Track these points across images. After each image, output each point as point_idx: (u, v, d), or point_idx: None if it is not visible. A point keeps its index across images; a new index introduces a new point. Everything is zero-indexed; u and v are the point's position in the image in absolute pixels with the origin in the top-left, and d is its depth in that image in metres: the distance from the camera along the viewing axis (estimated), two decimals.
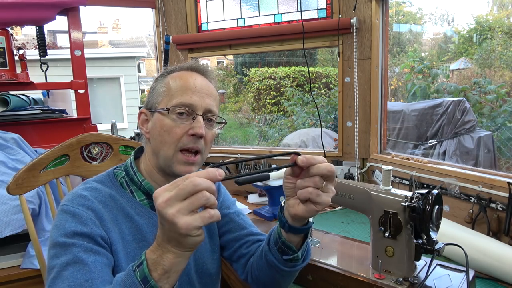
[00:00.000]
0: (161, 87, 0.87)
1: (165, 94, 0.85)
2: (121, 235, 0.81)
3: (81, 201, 0.79)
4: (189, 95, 0.83)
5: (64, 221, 0.76)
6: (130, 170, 0.89)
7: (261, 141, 7.44)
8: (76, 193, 0.82)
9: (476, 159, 3.85)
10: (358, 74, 1.83)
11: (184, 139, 0.83)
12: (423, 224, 0.89)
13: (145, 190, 0.87)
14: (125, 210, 0.84)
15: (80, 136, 1.26)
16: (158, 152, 0.84)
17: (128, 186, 0.88)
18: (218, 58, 15.26)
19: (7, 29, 1.87)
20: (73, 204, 0.78)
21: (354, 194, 1.05)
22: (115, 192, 0.85)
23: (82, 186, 0.85)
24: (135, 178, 0.87)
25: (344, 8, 1.82)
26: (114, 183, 0.88)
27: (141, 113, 0.89)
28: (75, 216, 0.76)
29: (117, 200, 0.84)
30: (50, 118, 1.88)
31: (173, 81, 0.86)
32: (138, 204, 0.87)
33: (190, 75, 0.87)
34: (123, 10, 34.56)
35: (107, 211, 0.81)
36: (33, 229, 1.14)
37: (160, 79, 0.89)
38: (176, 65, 0.91)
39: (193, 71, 0.89)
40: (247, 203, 1.88)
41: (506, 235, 1.22)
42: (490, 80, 5.51)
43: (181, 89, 0.84)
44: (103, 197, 0.83)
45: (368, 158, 1.86)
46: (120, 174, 0.89)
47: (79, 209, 0.77)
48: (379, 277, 0.95)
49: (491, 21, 9.10)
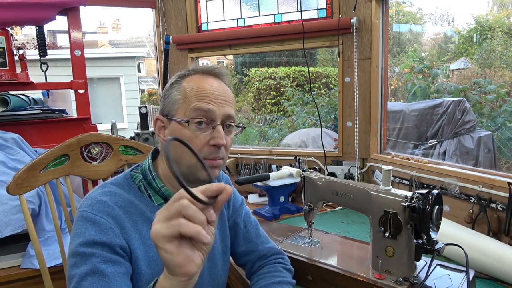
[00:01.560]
0: (177, 94, 0.84)
1: (181, 101, 0.83)
2: (142, 240, 0.81)
3: (101, 207, 0.78)
4: (206, 101, 0.82)
5: (84, 229, 0.75)
6: (149, 174, 0.87)
7: (261, 141, 7.44)
8: (96, 199, 0.80)
9: (476, 159, 3.85)
10: (358, 74, 1.83)
11: (205, 150, 0.82)
12: (423, 224, 0.89)
13: (163, 195, 0.87)
14: (145, 214, 0.83)
15: (80, 136, 1.26)
16: (180, 161, 0.83)
17: (146, 190, 0.87)
18: (218, 58, 15.26)
19: (7, 29, 1.87)
20: (93, 210, 0.77)
21: (354, 194, 1.05)
22: (134, 196, 0.84)
23: (101, 190, 0.83)
24: (154, 183, 0.86)
25: (344, 8, 1.82)
26: (132, 186, 0.86)
27: (157, 119, 0.87)
28: (95, 224, 0.75)
29: (136, 205, 0.83)
30: (50, 118, 1.88)
31: (189, 86, 0.84)
32: (157, 208, 0.84)
33: (206, 80, 0.85)
34: (123, 10, 34.58)
35: (127, 217, 0.80)
36: (33, 229, 1.14)
37: (174, 85, 0.87)
38: (189, 68, 0.89)
39: (208, 75, 0.87)
40: (247, 203, 1.88)
41: (506, 235, 1.22)
42: (490, 80, 5.51)
43: (198, 96, 0.82)
44: (123, 202, 0.82)
45: (368, 158, 1.86)
46: (137, 178, 0.88)
47: (99, 216, 0.76)
48: (379, 277, 0.95)
49: (491, 21, 9.10)
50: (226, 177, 1.09)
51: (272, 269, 1.00)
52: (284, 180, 1.70)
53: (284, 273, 1.00)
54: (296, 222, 1.58)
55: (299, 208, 1.72)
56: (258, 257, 1.04)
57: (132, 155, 1.35)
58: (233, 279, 1.29)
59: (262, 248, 1.04)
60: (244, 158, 2.09)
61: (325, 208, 1.75)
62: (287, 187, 1.71)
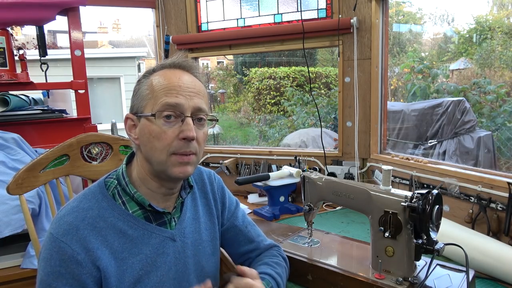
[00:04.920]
0: (145, 90, 0.82)
1: (149, 97, 0.81)
2: (113, 255, 0.79)
3: (66, 229, 0.77)
4: (174, 95, 0.79)
5: (50, 256, 0.76)
6: (122, 180, 0.85)
7: (261, 141, 7.44)
8: (63, 219, 0.78)
9: (476, 159, 3.85)
10: (358, 74, 1.83)
11: (175, 144, 0.79)
12: (423, 224, 0.89)
13: (137, 201, 0.84)
14: (117, 226, 0.81)
15: (80, 136, 1.26)
16: (150, 159, 0.81)
17: (120, 197, 0.84)
18: (218, 58, 15.25)
19: (7, 29, 1.87)
20: (58, 233, 0.76)
21: (354, 194, 1.05)
22: (106, 205, 0.82)
23: (70, 206, 0.81)
24: (127, 189, 0.84)
25: (344, 8, 1.82)
26: (105, 195, 0.83)
27: (127, 118, 0.85)
28: (59, 252, 0.75)
29: (106, 218, 0.80)
30: (50, 118, 1.88)
31: (156, 81, 0.81)
32: (131, 217, 0.83)
33: (173, 73, 0.82)
34: (123, 10, 34.54)
35: (96, 233, 0.78)
36: (33, 229, 1.14)
37: (143, 80, 0.84)
38: (159, 63, 0.86)
39: (176, 68, 0.84)
40: (247, 203, 1.88)
41: (506, 235, 1.23)
42: (489, 80, 5.51)
43: (165, 90, 0.79)
44: (91, 219, 0.79)
45: (368, 158, 1.86)
46: (112, 184, 0.85)
47: (63, 243, 0.75)
48: (379, 277, 0.95)
49: (491, 21, 9.09)
50: (218, 178, 1.07)
51: (268, 254, 1.03)
52: (284, 180, 1.70)
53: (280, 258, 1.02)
54: (296, 222, 1.58)
55: (299, 208, 1.72)
56: (259, 254, 1.05)
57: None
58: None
59: (263, 246, 1.05)
60: (244, 158, 2.09)
61: (325, 208, 1.75)
62: (287, 187, 1.71)
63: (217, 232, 1.01)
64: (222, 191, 1.05)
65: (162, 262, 0.85)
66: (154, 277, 0.83)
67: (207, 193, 1.01)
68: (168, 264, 0.86)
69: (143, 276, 0.82)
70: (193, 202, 0.96)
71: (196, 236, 0.94)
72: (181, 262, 0.89)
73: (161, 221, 0.87)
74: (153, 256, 0.84)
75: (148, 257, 0.83)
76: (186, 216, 0.93)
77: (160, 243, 0.85)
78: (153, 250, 0.84)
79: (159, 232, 0.86)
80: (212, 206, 1.00)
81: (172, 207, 0.90)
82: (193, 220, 0.94)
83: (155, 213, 0.86)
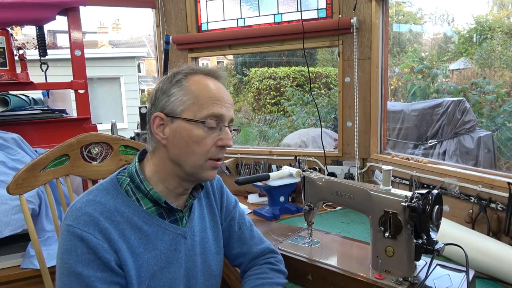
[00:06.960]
0: (183, 94, 0.83)
1: (190, 102, 0.83)
2: (130, 250, 0.80)
3: (87, 221, 0.77)
4: (219, 106, 0.85)
5: (74, 247, 0.75)
6: (136, 177, 0.86)
7: (261, 141, 7.44)
8: (81, 210, 0.78)
9: (476, 159, 3.85)
10: (358, 74, 1.83)
11: (213, 150, 0.85)
12: (423, 224, 0.89)
13: (152, 198, 0.85)
14: (133, 221, 0.82)
15: (80, 136, 1.26)
16: (183, 161, 0.84)
17: (134, 194, 0.85)
18: (218, 58, 15.26)
19: (7, 29, 1.87)
20: (78, 225, 0.76)
21: (354, 194, 1.05)
22: (121, 201, 0.83)
23: (86, 199, 0.81)
24: (142, 186, 0.85)
25: (344, 8, 1.82)
26: (119, 191, 0.84)
27: (156, 117, 0.84)
28: (83, 241, 0.75)
29: (123, 212, 0.82)
30: (50, 118, 1.88)
31: (198, 89, 0.84)
32: (145, 213, 0.84)
33: (213, 83, 0.87)
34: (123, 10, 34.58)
35: (114, 227, 0.79)
36: (33, 229, 1.14)
37: (177, 84, 0.85)
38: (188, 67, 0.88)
39: (211, 77, 0.88)
40: (247, 203, 1.88)
41: (506, 235, 1.23)
42: (489, 80, 5.51)
43: (212, 100, 0.84)
44: (108, 212, 0.80)
45: (368, 158, 1.86)
46: (124, 181, 0.86)
47: (86, 232, 0.75)
48: (379, 277, 0.95)
49: (491, 21, 9.09)
50: (217, 177, 1.07)
51: (258, 271, 1.00)
52: (284, 180, 1.70)
53: (271, 274, 0.99)
54: (296, 222, 1.58)
55: (299, 208, 1.72)
56: (252, 258, 1.04)
57: (132, 155, 1.35)
58: (233, 278, 1.29)
59: (255, 250, 1.04)
60: (244, 158, 2.09)
61: (325, 208, 1.75)
62: (287, 187, 1.71)
63: (220, 232, 1.02)
64: (221, 190, 1.06)
65: (174, 259, 0.87)
66: (167, 273, 0.85)
67: (209, 193, 1.03)
68: (179, 261, 0.88)
69: (157, 272, 0.84)
70: (198, 202, 0.99)
71: (203, 235, 0.96)
72: (191, 259, 0.91)
73: (173, 219, 0.90)
74: (167, 253, 0.86)
75: (162, 253, 0.85)
76: (195, 215, 0.95)
77: (173, 240, 0.87)
78: (167, 247, 0.86)
79: (172, 229, 0.88)
80: (214, 206, 1.02)
81: (183, 206, 0.92)
82: (200, 219, 0.97)
83: (168, 211, 0.89)
